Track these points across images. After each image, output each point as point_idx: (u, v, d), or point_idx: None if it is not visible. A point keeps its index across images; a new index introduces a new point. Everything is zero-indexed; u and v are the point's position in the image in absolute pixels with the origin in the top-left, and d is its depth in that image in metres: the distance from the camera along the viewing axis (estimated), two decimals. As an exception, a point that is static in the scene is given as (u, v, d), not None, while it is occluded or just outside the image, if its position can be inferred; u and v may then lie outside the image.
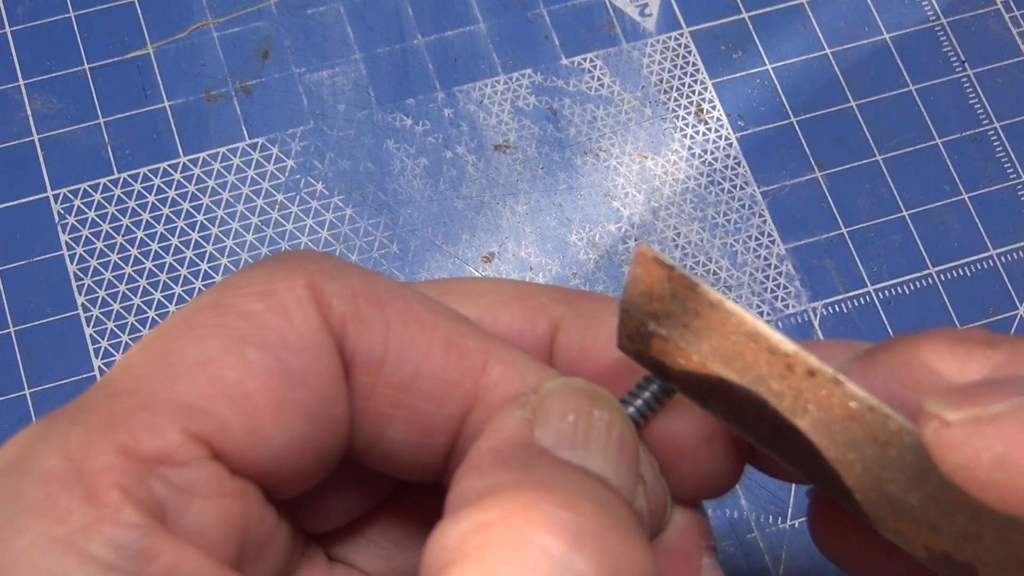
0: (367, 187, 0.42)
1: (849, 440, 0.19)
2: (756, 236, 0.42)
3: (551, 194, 0.42)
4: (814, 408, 0.19)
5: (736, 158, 0.44)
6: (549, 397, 0.20)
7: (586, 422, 0.20)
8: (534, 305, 0.23)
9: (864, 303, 0.42)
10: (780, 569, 0.38)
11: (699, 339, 0.20)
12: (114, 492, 0.17)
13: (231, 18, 0.44)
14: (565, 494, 0.17)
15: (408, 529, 0.24)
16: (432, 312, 0.21)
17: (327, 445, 0.20)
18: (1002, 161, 0.45)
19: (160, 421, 0.18)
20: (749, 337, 0.19)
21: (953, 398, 0.18)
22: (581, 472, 0.19)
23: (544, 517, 0.16)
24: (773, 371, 0.19)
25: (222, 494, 0.18)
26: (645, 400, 0.22)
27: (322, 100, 0.43)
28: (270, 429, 0.19)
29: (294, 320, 0.19)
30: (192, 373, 0.18)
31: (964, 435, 0.17)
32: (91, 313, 0.39)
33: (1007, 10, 0.47)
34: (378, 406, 0.21)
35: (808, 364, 0.19)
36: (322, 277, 0.20)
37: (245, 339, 0.19)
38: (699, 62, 0.45)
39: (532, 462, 0.18)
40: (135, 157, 0.41)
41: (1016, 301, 0.43)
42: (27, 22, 0.43)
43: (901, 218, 0.43)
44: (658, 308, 0.20)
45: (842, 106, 0.45)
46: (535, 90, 0.44)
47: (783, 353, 0.19)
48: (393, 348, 0.20)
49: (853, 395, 0.19)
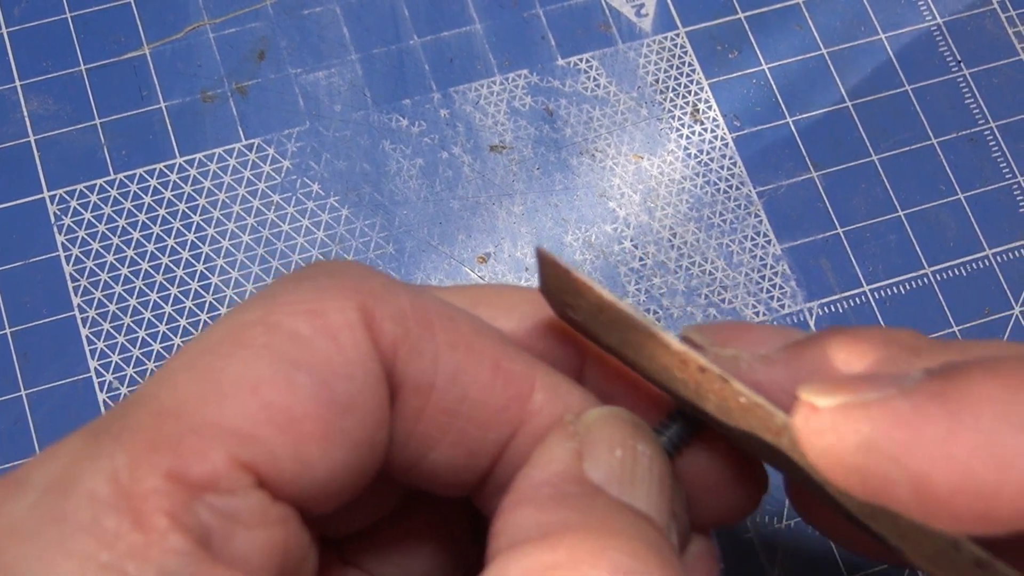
0: (363, 188, 0.42)
1: (749, 426, 0.20)
2: (752, 236, 0.43)
3: (547, 195, 0.42)
4: (714, 397, 0.20)
5: (732, 158, 0.44)
6: (595, 427, 0.20)
7: (631, 457, 0.20)
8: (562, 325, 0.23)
9: (860, 303, 0.42)
10: (776, 569, 0.38)
11: (607, 330, 0.21)
12: (162, 518, 0.16)
13: (227, 19, 0.44)
14: (627, 539, 0.17)
15: (422, 535, 0.24)
16: (479, 335, 0.21)
17: (367, 469, 0.20)
18: (998, 161, 0.45)
19: (208, 447, 0.17)
20: (646, 335, 0.20)
21: (826, 386, 0.18)
22: (634, 513, 0.19)
23: (611, 564, 0.16)
24: (673, 362, 0.20)
25: (266, 523, 0.18)
26: (676, 433, 0.22)
27: (318, 101, 0.43)
28: (315, 457, 0.18)
29: (344, 345, 0.19)
30: (240, 396, 0.18)
31: (831, 421, 0.17)
32: (87, 314, 0.39)
33: (1003, 10, 0.47)
34: (426, 430, 0.21)
35: (698, 362, 0.20)
36: (373, 299, 0.20)
37: (294, 363, 0.18)
38: (695, 62, 0.45)
39: (590, 501, 0.19)
40: (131, 158, 0.41)
41: (1012, 301, 0.43)
42: (23, 23, 0.43)
43: (897, 218, 0.43)
44: (570, 300, 0.21)
45: (838, 106, 0.45)
46: (531, 91, 0.44)
47: (675, 351, 0.20)
48: (443, 372, 0.20)
49: (740, 392, 0.20)
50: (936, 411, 0.17)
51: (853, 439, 0.17)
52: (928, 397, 0.17)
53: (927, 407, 0.17)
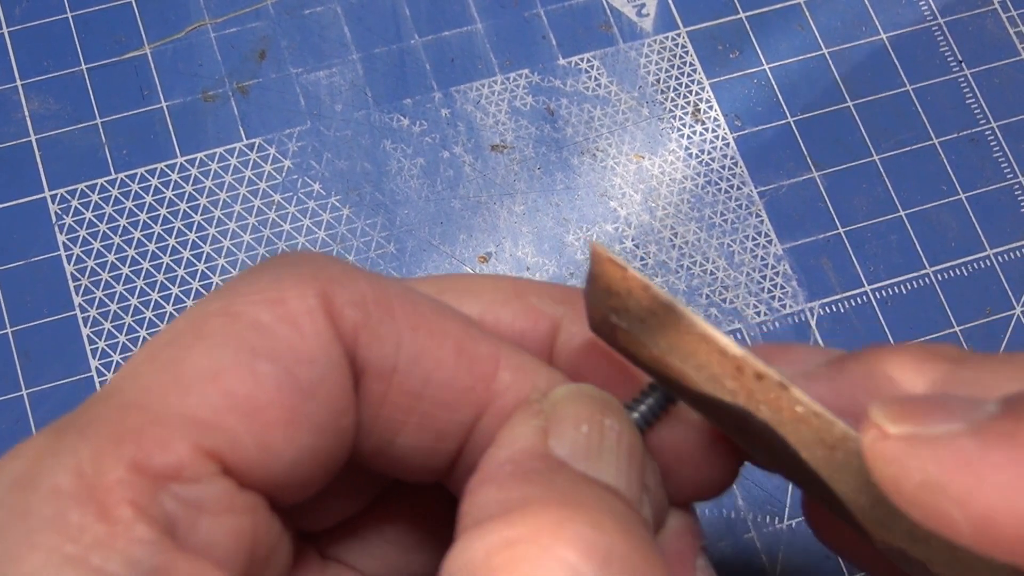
0: (364, 187, 0.42)
1: (800, 440, 0.20)
2: (753, 236, 0.42)
3: (548, 194, 0.42)
4: (765, 408, 0.20)
5: (733, 158, 0.44)
6: (561, 404, 0.20)
7: (598, 432, 0.20)
8: (534, 304, 0.23)
9: (861, 303, 0.42)
10: (777, 569, 0.38)
11: (655, 336, 0.21)
12: (126, 508, 0.16)
13: (228, 18, 0.44)
14: (590, 512, 0.17)
15: (402, 526, 0.24)
16: (441, 317, 0.21)
17: (335, 455, 0.20)
18: (999, 161, 0.45)
19: (171, 436, 0.17)
20: (700, 338, 0.20)
21: (896, 409, 0.18)
22: (599, 486, 0.19)
23: (572, 536, 0.16)
24: (725, 371, 0.20)
25: (232, 510, 0.18)
26: (649, 407, 0.22)
27: (319, 100, 0.43)
28: (280, 443, 0.18)
29: (304, 331, 0.19)
30: (202, 386, 0.18)
31: (899, 450, 0.17)
32: (88, 313, 0.39)
33: (1004, 10, 0.47)
34: (390, 413, 0.20)
35: (756, 368, 0.19)
36: (332, 285, 0.20)
37: (255, 351, 0.18)
38: (696, 62, 0.45)
39: (553, 476, 0.18)
40: (132, 157, 0.41)
41: (1013, 301, 0.43)
42: (24, 23, 0.43)
43: (898, 218, 0.43)
44: (617, 303, 0.21)
45: (839, 106, 0.45)
46: (532, 90, 0.44)
47: (732, 356, 0.20)
48: (405, 355, 0.20)
49: (798, 400, 0.19)
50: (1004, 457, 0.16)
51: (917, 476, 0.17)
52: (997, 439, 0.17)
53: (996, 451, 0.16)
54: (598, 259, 0.20)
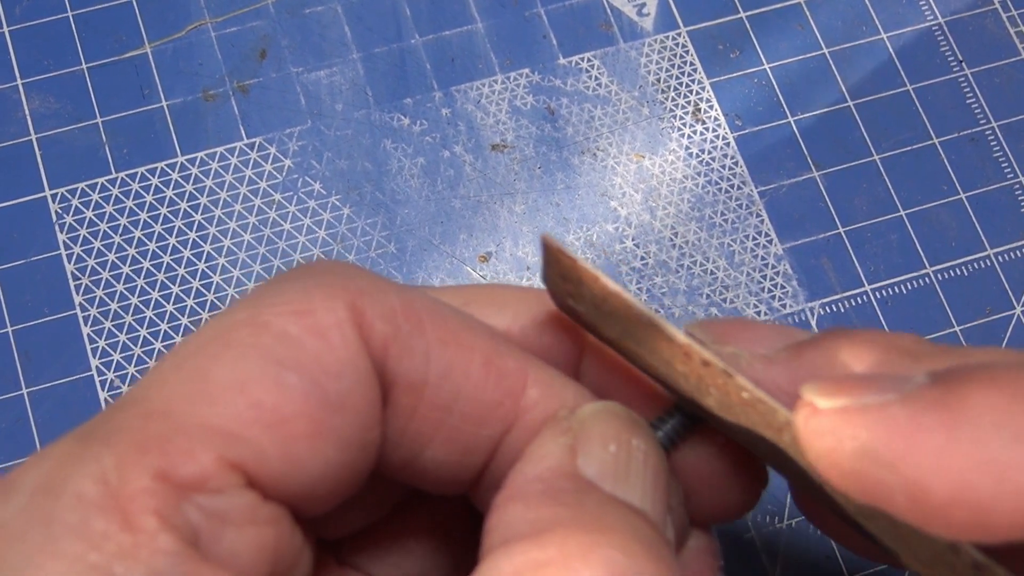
0: (364, 187, 0.42)
1: (751, 422, 0.20)
2: (753, 236, 0.43)
3: (548, 194, 0.42)
4: (715, 392, 0.20)
5: (733, 158, 0.44)
6: (589, 422, 0.20)
7: (626, 452, 0.20)
8: (561, 318, 0.23)
9: (861, 303, 0.42)
10: (778, 569, 0.38)
11: (609, 322, 0.21)
12: (150, 518, 0.16)
13: (229, 18, 0.44)
14: (619, 535, 0.17)
15: (421, 536, 0.24)
16: (470, 331, 0.21)
17: (360, 469, 0.20)
18: (999, 161, 0.45)
19: (196, 447, 0.17)
20: (649, 327, 0.20)
21: (828, 386, 0.18)
22: (627, 509, 0.19)
23: (602, 560, 0.16)
24: (675, 354, 0.20)
25: (255, 522, 0.18)
26: (673, 427, 0.22)
27: (320, 100, 0.43)
28: (305, 456, 0.18)
29: (333, 343, 0.19)
30: (228, 396, 0.18)
31: (831, 423, 0.17)
32: (88, 313, 0.39)
33: (1005, 10, 0.47)
34: (419, 427, 0.20)
35: (701, 355, 0.20)
36: (362, 297, 0.20)
37: (283, 362, 0.18)
38: (697, 62, 0.45)
39: (582, 496, 0.18)
40: (133, 157, 0.41)
41: (1013, 301, 0.43)
42: (24, 21, 0.43)
43: (898, 218, 0.43)
44: (572, 289, 0.21)
45: (839, 106, 0.45)
46: (532, 90, 0.44)
47: (679, 343, 0.20)
48: (435, 369, 0.20)
49: (743, 386, 0.20)
50: (934, 420, 0.17)
51: (851, 444, 0.17)
52: (927, 405, 0.17)
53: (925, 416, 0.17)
54: (549, 250, 0.21)
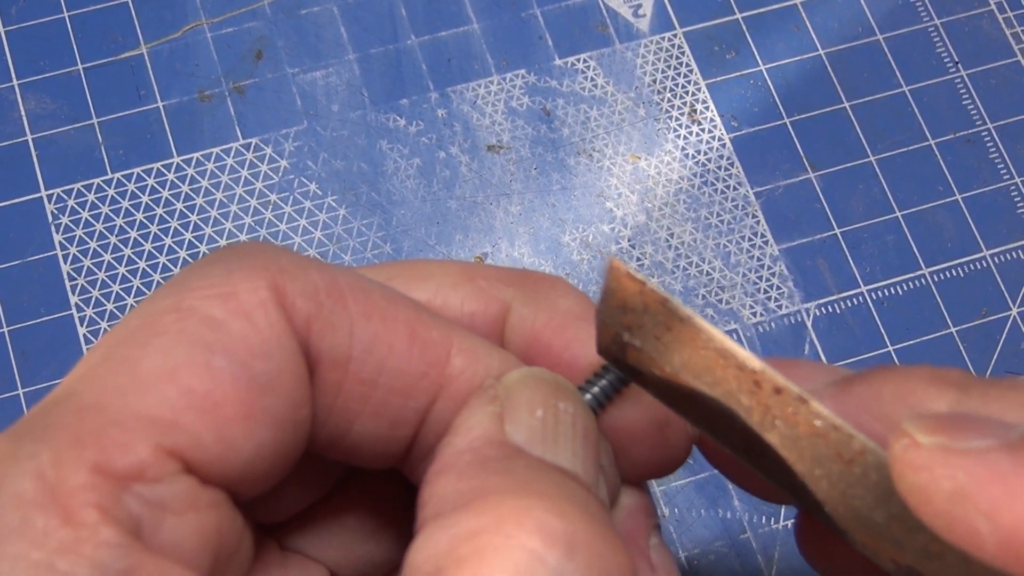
0: (360, 187, 0.42)
1: (816, 456, 0.19)
2: (749, 237, 0.43)
3: (544, 195, 0.42)
4: (781, 424, 0.20)
5: (729, 159, 0.44)
6: (515, 389, 0.20)
7: (553, 416, 0.20)
8: (484, 287, 0.23)
9: (857, 303, 0.42)
10: (773, 570, 0.38)
11: (670, 352, 0.20)
12: (91, 512, 0.16)
13: (225, 18, 0.44)
14: (552, 499, 0.17)
15: (360, 513, 0.24)
16: (393, 304, 0.21)
17: (293, 447, 0.20)
18: (995, 162, 0.45)
19: (131, 437, 0.17)
20: (718, 353, 0.20)
21: (929, 423, 0.18)
22: (557, 472, 0.19)
23: (535, 524, 0.16)
24: (742, 386, 0.20)
25: (196, 507, 0.18)
26: (602, 388, 0.22)
27: (316, 100, 0.43)
28: (239, 438, 0.18)
29: (258, 324, 0.19)
30: (159, 385, 0.18)
31: (929, 459, 0.17)
32: (84, 313, 0.39)
33: (1000, 11, 0.47)
34: (346, 403, 0.21)
35: (775, 382, 0.19)
36: (283, 276, 0.20)
37: (210, 347, 0.18)
38: (692, 63, 0.45)
39: (511, 463, 0.18)
40: (129, 157, 0.41)
41: (1009, 302, 0.43)
42: (21, 22, 0.43)
43: (894, 219, 0.43)
44: (631, 320, 0.20)
45: (835, 107, 0.45)
46: (528, 90, 0.44)
47: (751, 370, 0.19)
48: (358, 344, 0.20)
49: (818, 414, 0.19)
50: None
51: (948, 484, 0.17)
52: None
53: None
54: (615, 274, 0.20)
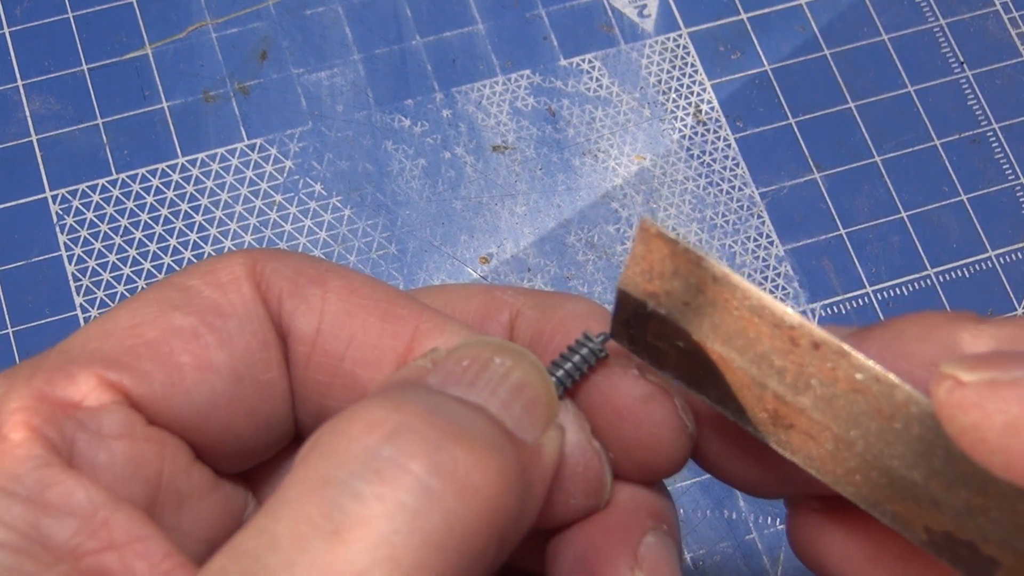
0: (365, 188, 0.42)
1: (852, 415, 0.19)
2: (755, 237, 0.42)
3: (549, 195, 0.42)
4: (817, 383, 0.19)
5: (734, 159, 0.44)
6: (457, 349, 0.21)
7: (480, 365, 0.20)
8: (498, 295, 0.24)
9: (863, 304, 0.42)
10: (778, 570, 0.38)
11: (700, 317, 0.20)
12: (21, 431, 0.18)
13: (229, 19, 0.44)
14: (395, 401, 0.18)
15: None
16: (370, 286, 0.22)
17: (263, 411, 0.21)
18: (1000, 162, 0.45)
19: (78, 370, 0.20)
20: (753, 311, 0.19)
21: (970, 361, 0.17)
22: (444, 396, 0.19)
23: (364, 417, 0.17)
24: (776, 346, 0.19)
25: (132, 437, 0.20)
26: (575, 362, 0.22)
27: (320, 101, 0.43)
28: (191, 384, 0.20)
29: (227, 292, 0.21)
30: (120, 334, 0.20)
31: (978, 396, 0.17)
32: (89, 314, 0.39)
33: (1006, 11, 0.47)
34: (315, 375, 0.22)
35: (813, 336, 0.19)
36: (263, 259, 0.22)
37: (177, 306, 0.21)
38: (697, 63, 0.45)
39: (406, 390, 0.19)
40: (133, 158, 0.41)
41: (1015, 302, 0.43)
42: (25, 23, 0.43)
43: (900, 219, 0.43)
44: (658, 287, 0.20)
45: (840, 107, 0.45)
46: (533, 91, 0.44)
47: (788, 326, 0.19)
48: (329, 319, 0.22)
49: (859, 366, 0.19)
50: None
51: (1000, 418, 0.17)
52: None
53: None
54: (644, 235, 0.19)
